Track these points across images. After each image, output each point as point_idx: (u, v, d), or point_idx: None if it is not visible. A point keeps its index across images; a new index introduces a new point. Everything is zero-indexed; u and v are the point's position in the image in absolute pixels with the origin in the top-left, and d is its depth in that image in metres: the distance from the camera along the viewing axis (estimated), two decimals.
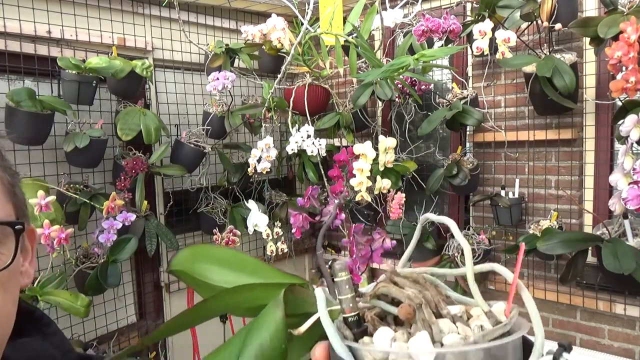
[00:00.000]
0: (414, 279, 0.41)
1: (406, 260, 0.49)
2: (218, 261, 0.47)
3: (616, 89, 1.49)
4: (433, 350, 0.32)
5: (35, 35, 1.85)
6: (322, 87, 2.24)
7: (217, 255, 0.48)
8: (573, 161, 2.06)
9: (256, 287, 0.43)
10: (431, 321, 0.35)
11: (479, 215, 2.36)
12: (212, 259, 0.48)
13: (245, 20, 2.61)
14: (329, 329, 0.36)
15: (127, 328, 2.18)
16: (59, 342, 0.51)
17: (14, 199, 0.49)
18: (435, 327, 0.35)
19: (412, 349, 0.33)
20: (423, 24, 1.79)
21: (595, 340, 2.02)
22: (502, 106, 2.24)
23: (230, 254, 0.49)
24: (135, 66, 1.88)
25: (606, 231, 1.80)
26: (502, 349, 0.33)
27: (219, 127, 2.18)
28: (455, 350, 0.32)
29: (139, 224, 1.93)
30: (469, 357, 0.32)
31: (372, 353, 0.34)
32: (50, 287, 1.61)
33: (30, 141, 1.74)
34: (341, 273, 0.38)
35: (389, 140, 1.94)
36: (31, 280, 0.52)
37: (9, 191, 0.48)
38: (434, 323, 0.35)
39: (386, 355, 0.33)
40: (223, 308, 0.43)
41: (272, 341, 0.38)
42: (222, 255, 0.48)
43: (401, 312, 0.36)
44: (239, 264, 0.47)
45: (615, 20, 1.56)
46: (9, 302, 0.45)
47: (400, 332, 0.37)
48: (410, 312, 0.36)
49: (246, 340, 0.39)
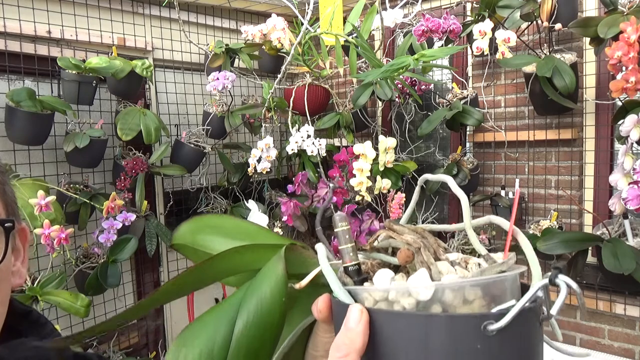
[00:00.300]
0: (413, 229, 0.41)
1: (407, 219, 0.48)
2: (219, 230, 0.46)
3: (616, 89, 1.49)
4: (432, 284, 0.32)
5: (35, 35, 1.85)
6: (322, 87, 2.24)
7: (217, 224, 0.47)
8: (573, 161, 2.06)
9: (259, 248, 0.42)
10: (430, 262, 0.35)
11: (479, 215, 2.36)
12: (213, 229, 0.47)
13: (245, 20, 2.61)
14: (330, 275, 0.36)
15: (127, 328, 2.18)
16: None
17: (3, 197, 0.48)
18: (434, 268, 0.35)
19: (411, 284, 0.33)
20: (423, 24, 1.79)
21: (595, 340, 2.02)
22: (502, 106, 2.24)
23: (231, 222, 0.48)
24: (135, 66, 1.88)
25: (606, 231, 1.80)
26: (499, 285, 0.33)
27: (219, 127, 2.18)
28: (453, 285, 0.32)
29: (139, 224, 1.93)
30: (467, 292, 0.32)
31: (372, 293, 0.34)
32: (50, 287, 1.61)
33: (30, 141, 1.74)
34: (341, 224, 0.39)
35: (389, 140, 1.94)
36: (23, 280, 0.51)
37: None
38: (432, 264, 0.35)
39: (386, 293, 0.33)
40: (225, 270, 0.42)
41: (272, 294, 0.37)
42: (222, 224, 0.47)
43: (400, 256, 0.37)
44: (240, 231, 0.46)
45: (615, 20, 1.56)
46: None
47: (400, 275, 0.37)
48: (409, 256, 0.36)
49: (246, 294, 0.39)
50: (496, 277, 0.33)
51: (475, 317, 0.31)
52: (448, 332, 0.30)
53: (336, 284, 0.36)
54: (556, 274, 0.32)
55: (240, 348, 0.37)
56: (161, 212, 2.32)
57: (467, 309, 0.32)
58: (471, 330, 0.30)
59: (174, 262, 2.36)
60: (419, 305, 0.32)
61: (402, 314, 0.32)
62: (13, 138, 1.73)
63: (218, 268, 0.41)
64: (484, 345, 0.30)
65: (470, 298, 0.32)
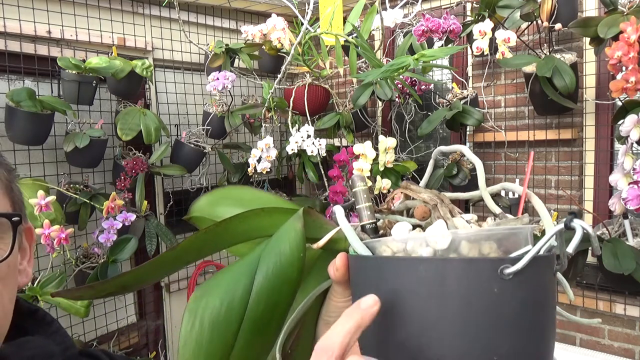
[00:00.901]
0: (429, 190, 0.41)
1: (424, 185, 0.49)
2: (237, 202, 0.47)
3: (616, 89, 1.49)
4: (449, 232, 0.32)
5: (35, 35, 1.85)
6: (322, 87, 2.24)
7: (235, 195, 0.48)
8: (573, 161, 2.06)
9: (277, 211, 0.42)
10: (446, 217, 0.36)
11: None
12: (231, 200, 0.47)
13: (245, 20, 2.61)
14: (348, 231, 0.36)
15: (127, 328, 2.18)
16: (61, 340, 0.52)
17: (10, 194, 0.49)
18: (451, 222, 0.35)
19: (429, 234, 0.33)
20: (423, 24, 1.79)
21: (595, 340, 2.02)
22: (502, 106, 2.24)
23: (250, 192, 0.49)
24: (135, 66, 1.88)
25: (606, 231, 1.80)
26: (513, 238, 0.34)
27: (219, 127, 2.18)
28: (470, 235, 0.32)
29: (139, 224, 1.93)
30: (483, 244, 0.32)
31: (390, 244, 0.34)
32: (50, 287, 1.61)
33: (30, 141, 1.74)
34: (359, 183, 0.39)
35: (389, 140, 1.94)
36: (29, 279, 0.52)
37: (6, 186, 0.48)
38: (449, 219, 0.36)
39: (404, 244, 0.34)
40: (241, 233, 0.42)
41: (292, 249, 0.38)
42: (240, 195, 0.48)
43: (417, 212, 0.37)
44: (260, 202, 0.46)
45: (615, 20, 1.56)
46: (6, 298, 0.45)
47: (416, 230, 0.37)
48: (426, 211, 0.37)
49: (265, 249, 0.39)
50: (511, 228, 0.34)
51: (492, 261, 0.31)
52: (465, 276, 0.31)
53: (354, 237, 0.36)
54: (571, 218, 0.33)
55: (260, 299, 0.37)
56: (161, 212, 2.32)
57: None
58: (488, 274, 0.30)
59: None
60: (437, 254, 0.32)
61: (420, 260, 0.32)
62: (13, 138, 1.73)
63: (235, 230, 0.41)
64: (500, 289, 0.30)
65: (486, 251, 0.32)
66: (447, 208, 0.38)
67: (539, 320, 0.32)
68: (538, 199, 0.40)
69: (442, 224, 0.34)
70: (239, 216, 0.40)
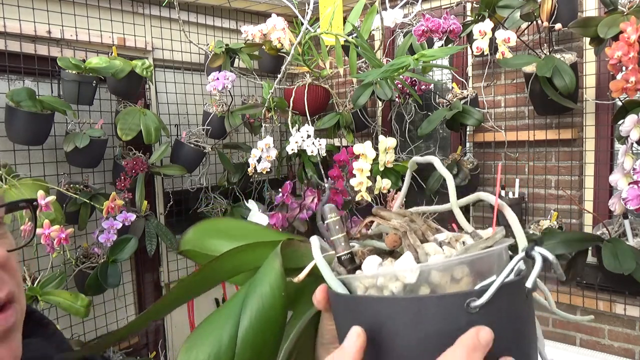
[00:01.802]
0: (402, 213, 0.41)
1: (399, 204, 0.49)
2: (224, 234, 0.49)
3: (616, 89, 1.49)
4: (416, 267, 0.33)
5: (35, 35, 1.85)
6: (322, 87, 2.24)
7: (222, 227, 0.50)
8: (573, 161, 2.06)
9: (258, 246, 0.44)
10: (416, 245, 0.36)
11: (479, 215, 2.36)
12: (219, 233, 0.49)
13: (245, 20, 2.61)
14: (323, 267, 0.37)
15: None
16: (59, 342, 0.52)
17: None
18: (421, 250, 0.36)
19: (397, 269, 0.34)
20: (423, 24, 1.79)
21: (595, 340, 2.02)
22: (502, 106, 2.24)
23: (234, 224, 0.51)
24: (135, 66, 1.88)
25: (606, 231, 1.80)
26: (485, 260, 0.34)
27: (219, 127, 2.18)
28: (439, 265, 0.33)
29: (139, 224, 1.93)
30: (455, 271, 0.33)
31: (363, 281, 0.35)
32: (50, 287, 1.61)
33: (30, 141, 1.74)
34: (331, 215, 0.40)
35: (389, 140, 1.94)
36: None
37: None
38: (419, 247, 0.36)
39: (374, 279, 0.34)
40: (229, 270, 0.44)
41: (272, 290, 0.39)
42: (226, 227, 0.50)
43: (388, 241, 0.38)
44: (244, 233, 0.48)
45: (615, 20, 1.56)
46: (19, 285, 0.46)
47: (388, 260, 0.37)
48: (396, 240, 0.37)
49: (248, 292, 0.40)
50: (479, 253, 0.34)
51: (458, 296, 0.31)
52: (436, 312, 0.31)
53: (329, 275, 0.37)
54: (532, 246, 0.32)
55: (246, 345, 0.38)
56: (161, 212, 2.32)
57: (456, 287, 0.32)
58: (457, 309, 0.31)
59: (174, 262, 2.36)
60: (407, 288, 0.33)
61: (390, 300, 0.33)
62: (13, 138, 1.73)
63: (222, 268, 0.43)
64: (469, 322, 0.30)
65: (458, 276, 0.33)
66: (418, 234, 0.38)
67: (515, 344, 0.32)
68: (511, 211, 0.40)
69: (409, 257, 0.35)
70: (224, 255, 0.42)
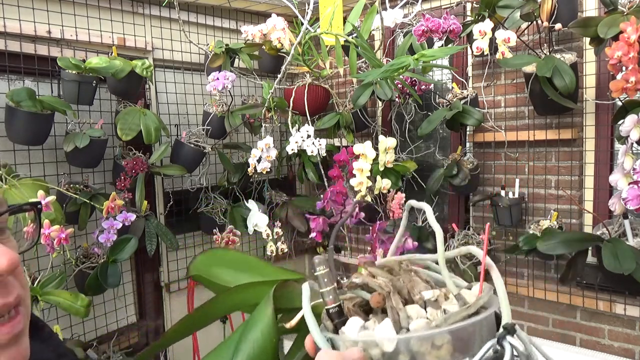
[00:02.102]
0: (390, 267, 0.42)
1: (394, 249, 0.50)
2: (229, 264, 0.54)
3: (616, 89, 1.49)
4: (394, 337, 0.33)
5: (35, 35, 1.85)
6: (322, 87, 2.24)
7: (228, 258, 0.56)
8: (573, 161, 2.06)
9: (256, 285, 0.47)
10: (398, 308, 0.37)
11: (479, 215, 2.36)
12: (225, 263, 0.54)
13: (245, 20, 2.61)
14: (310, 324, 0.39)
15: (127, 328, 2.18)
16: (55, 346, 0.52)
17: None
18: (403, 314, 0.36)
19: (377, 336, 0.34)
20: (423, 24, 1.79)
21: (595, 340, 2.02)
22: (502, 106, 2.24)
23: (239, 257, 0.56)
24: (135, 66, 1.88)
25: (606, 231, 1.80)
26: (466, 329, 0.34)
27: (219, 127, 2.18)
28: (417, 335, 0.33)
29: (139, 224, 1.93)
30: (435, 339, 0.33)
31: (346, 342, 0.36)
32: (50, 287, 1.61)
33: (30, 141, 1.74)
34: (319, 267, 0.40)
35: (389, 140, 1.94)
36: None
37: None
38: (401, 310, 0.37)
39: (356, 343, 0.35)
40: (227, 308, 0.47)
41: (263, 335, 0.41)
42: (232, 259, 0.56)
43: (372, 300, 0.38)
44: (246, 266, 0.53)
45: (615, 20, 1.56)
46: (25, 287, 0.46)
47: (372, 320, 0.38)
48: (379, 301, 0.38)
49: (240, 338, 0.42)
50: (461, 324, 0.34)
51: None
52: None
53: (315, 332, 0.38)
54: (504, 335, 0.32)
55: None
56: (161, 212, 2.32)
57: (435, 354, 0.33)
58: None
59: (174, 262, 2.36)
60: (385, 356, 0.33)
61: None
62: (13, 138, 1.73)
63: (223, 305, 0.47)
64: None
65: (439, 343, 0.33)
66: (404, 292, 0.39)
67: None
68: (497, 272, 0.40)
69: (389, 325, 0.35)
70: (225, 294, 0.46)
